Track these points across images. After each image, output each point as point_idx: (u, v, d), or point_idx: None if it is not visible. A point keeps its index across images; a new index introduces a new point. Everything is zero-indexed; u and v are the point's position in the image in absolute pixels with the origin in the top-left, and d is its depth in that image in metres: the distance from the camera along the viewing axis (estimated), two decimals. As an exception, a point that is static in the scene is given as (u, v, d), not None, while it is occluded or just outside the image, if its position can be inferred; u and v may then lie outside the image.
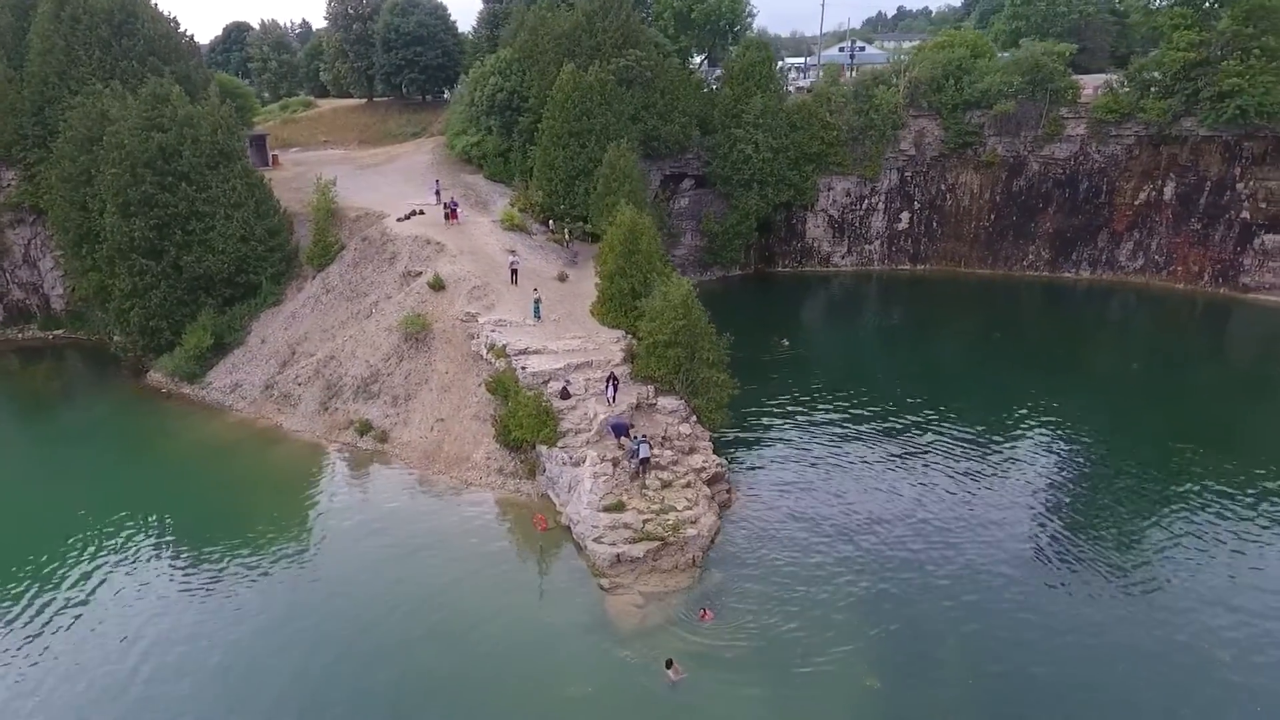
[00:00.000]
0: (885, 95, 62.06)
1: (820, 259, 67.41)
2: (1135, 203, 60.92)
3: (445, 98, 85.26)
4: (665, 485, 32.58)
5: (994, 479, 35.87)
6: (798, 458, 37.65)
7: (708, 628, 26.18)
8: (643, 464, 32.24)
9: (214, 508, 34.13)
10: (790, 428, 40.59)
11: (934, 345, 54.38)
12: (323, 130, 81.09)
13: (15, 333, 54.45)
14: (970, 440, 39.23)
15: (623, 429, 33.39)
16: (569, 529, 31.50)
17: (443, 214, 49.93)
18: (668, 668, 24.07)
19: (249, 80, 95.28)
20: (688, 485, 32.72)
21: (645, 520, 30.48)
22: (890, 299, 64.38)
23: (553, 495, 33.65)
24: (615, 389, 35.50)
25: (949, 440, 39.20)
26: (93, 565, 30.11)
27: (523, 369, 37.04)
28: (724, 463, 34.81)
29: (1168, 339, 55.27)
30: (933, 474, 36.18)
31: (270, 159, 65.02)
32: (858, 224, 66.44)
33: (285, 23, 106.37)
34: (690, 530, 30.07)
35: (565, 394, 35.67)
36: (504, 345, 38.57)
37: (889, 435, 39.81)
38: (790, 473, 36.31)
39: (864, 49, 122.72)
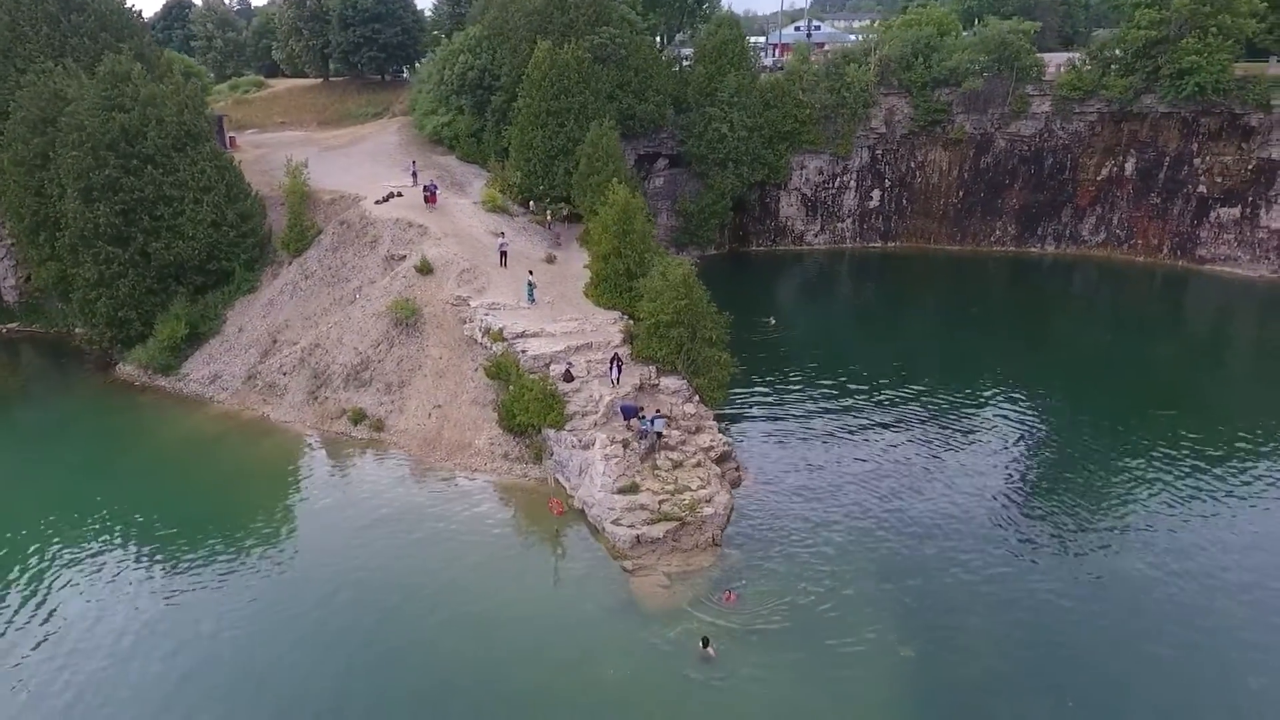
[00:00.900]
0: (857, 73, 62.46)
1: (794, 237, 67.86)
2: (1097, 178, 62.69)
3: (405, 77, 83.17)
4: (676, 465, 32.54)
5: (992, 446, 36.79)
6: (797, 434, 37.96)
7: (726, 610, 26.19)
8: (657, 437, 32.19)
9: (207, 503, 32.87)
10: (784, 404, 40.88)
11: (913, 321, 55.36)
12: (278, 111, 78.31)
13: (-36, 327, 51.66)
14: (960, 409, 40.22)
15: (632, 411, 33.20)
16: (582, 512, 31.26)
17: (422, 197, 48.68)
18: (705, 646, 24.12)
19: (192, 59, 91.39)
20: (698, 465, 32.72)
21: (661, 501, 30.42)
22: (864, 276, 65.27)
23: (562, 479, 33.32)
24: (619, 370, 35.26)
25: (941, 411, 40.05)
26: (91, 570, 28.82)
27: (523, 352, 36.52)
28: (730, 441, 34.93)
29: (1130, 310, 57.24)
30: (935, 444, 36.98)
31: (228, 141, 62.51)
32: (830, 202, 67.00)
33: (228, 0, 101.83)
34: (707, 509, 30.11)
35: (568, 377, 35.30)
36: (500, 329, 37.92)
37: (882, 408, 40.47)
38: (792, 449, 36.61)
39: (819, 28, 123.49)
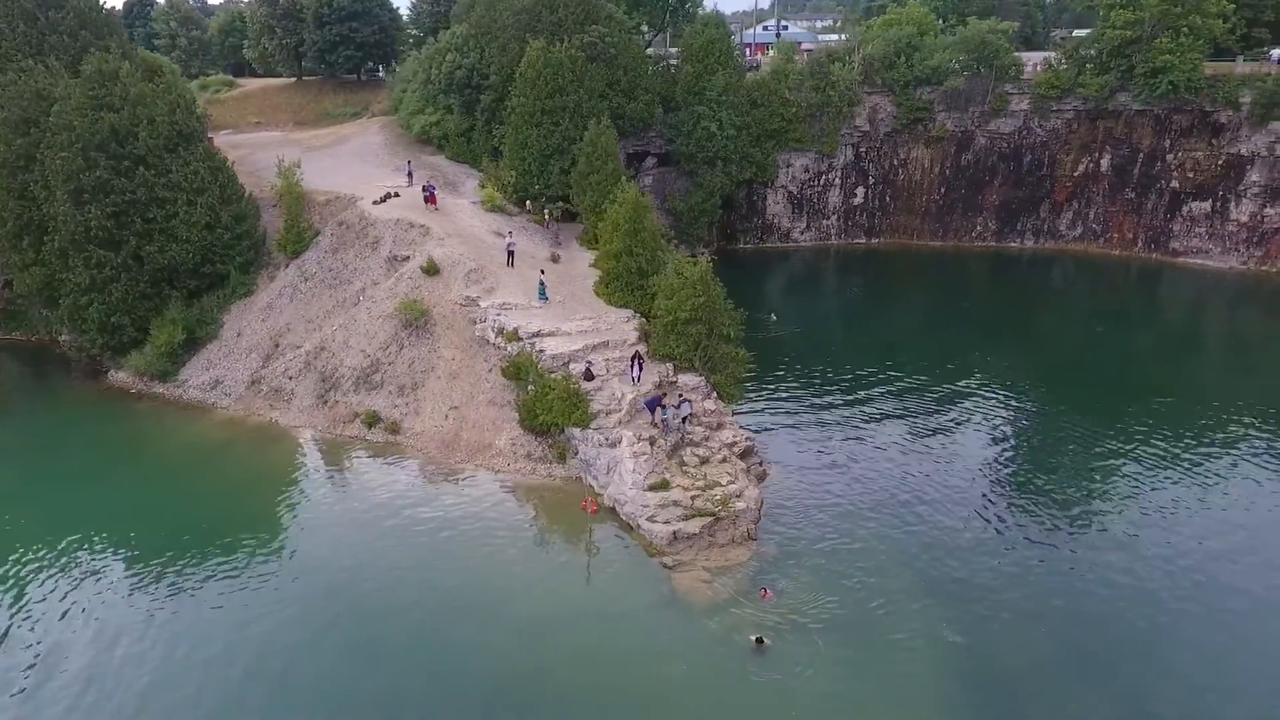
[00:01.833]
0: (842, 72, 63.34)
1: (781, 235, 68.58)
2: (1074, 174, 64.48)
3: (381, 76, 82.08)
4: (704, 461, 32.75)
5: (1001, 432, 37.80)
6: (813, 427, 38.45)
7: (771, 605, 26.42)
8: (682, 422, 32.50)
9: (223, 510, 32.18)
10: (795, 399, 41.37)
11: (904, 315, 56.41)
12: (252, 111, 76.66)
13: (-62, 336, 49.67)
14: (964, 398, 41.37)
15: (656, 403, 33.37)
16: (613, 510, 31.30)
17: (422, 197, 48.13)
18: (760, 643, 24.35)
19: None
20: (724, 460, 32.98)
21: (693, 497, 30.59)
22: (852, 273, 66.12)
23: (589, 478, 33.30)
24: (641, 368, 35.36)
25: (948, 399, 41.04)
26: (111, 583, 28.02)
27: (540, 352, 36.40)
28: (752, 436, 35.26)
29: (1110, 302, 58.95)
30: (950, 431, 38.01)
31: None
32: (815, 199, 67.85)
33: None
34: (739, 504, 30.35)
35: (589, 375, 35.28)
36: (515, 329, 37.76)
37: (890, 398, 41.29)
38: (810, 442, 37.06)
39: (787, 28, 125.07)
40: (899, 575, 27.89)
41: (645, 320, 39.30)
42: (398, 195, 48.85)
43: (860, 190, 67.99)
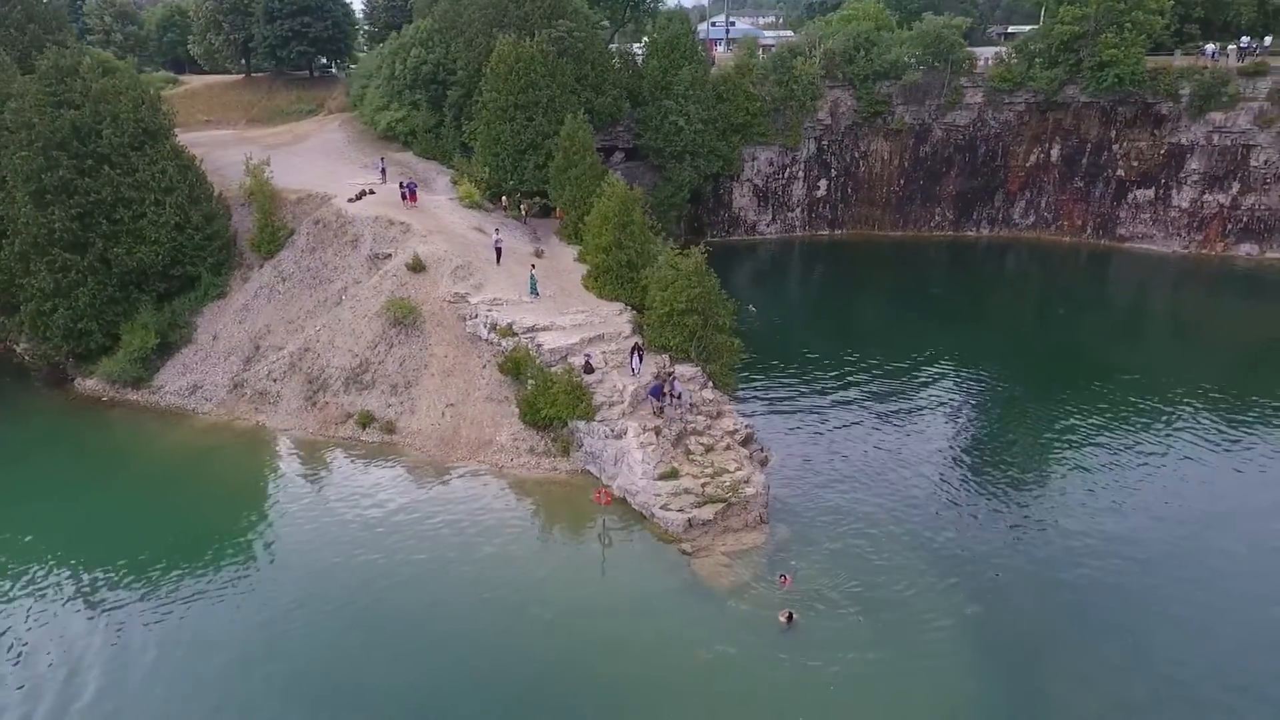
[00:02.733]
0: (804, 67, 64.47)
1: (747, 228, 69.49)
2: (1026, 165, 66.94)
3: (334, 72, 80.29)
4: (708, 450, 33.19)
5: (978, 409, 39.29)
6: (804, 412, 39.26)
7: (790, 590, 26.92)
8: (677, 399, 33.17)
9: (217, 516, 31.46)
10: (783, 386, 42.16)
11: (874, 302, 58.03)
12: (200, 109, 74.11)
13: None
14: (943, 379, 43.03)
15: (659, 390, 33.69)
16: (623, 500, 31.49)
17: (399, 194, 47.38)
18: (789, 620, 24.90)
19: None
20: (728, 448, 33.47)
21: (704, 484, 31.01)
22: (818, 264, 67.56)
23: (595, 470, 33.40)
24: (640, 359, 35.59)
25: (930, 383, 42.42)
26: (105, 596, 27.05)
27: (538, 346, 36.31)
28: (752, 424, 35.83)
29: (1065, 286, 61.52)
30: (937, 411, 39.51)
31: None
32: (780, 192, 68.95)
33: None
34: (748, 489, 30.87)
35: (589, 368, 35.35)
36: (509, 324, 37.57)
37: (876, 381, 42.60)
38: (805, 427, 37.89)
39: (734, 24, 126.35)
40: (907, 551, 28.82)
41: (637, 313, 39.53)
42: (373, 193, 48.00)
43: (823, 183, 69.35)
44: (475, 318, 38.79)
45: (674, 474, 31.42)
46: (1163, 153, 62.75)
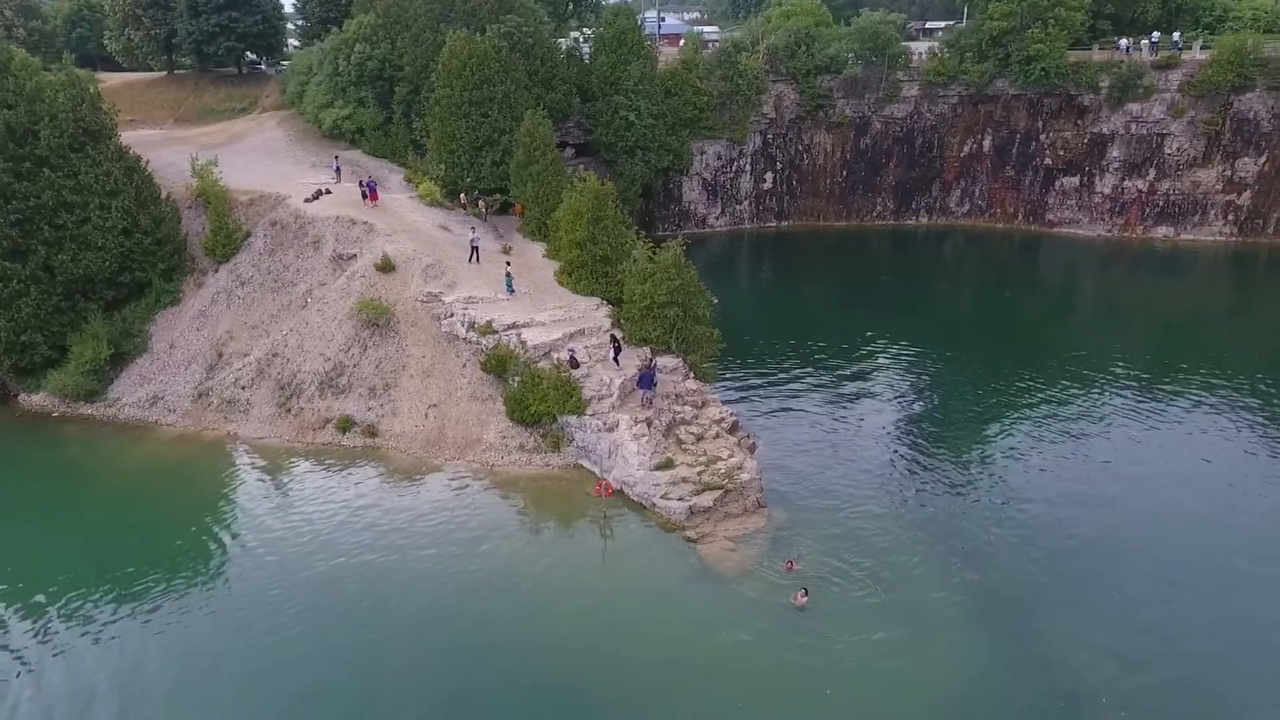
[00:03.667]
0: (749, 62, 65.62)
1: (697, 221, 70.33)
2: (961, 155, 69.75)
3: (263, 68, 77.48)
4: (699, 439, 33.73)
5: (937, 384, 41.04)
6: (781, 399, 40.26)
7: (796, 575, 27.68)
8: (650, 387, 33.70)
9: (199, 530, 30.29)
10: (756, 374, 43.06)
11: (827, 290, 59.71)
12: (122, 108, 69.10)
13: None
14: (900, 361, 44.79)
15: (648, 379, 34.03)
16: (622, 492, 31.74)
17: (359, 194, 46.28)
18: (804, 595, 25.67)
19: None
20: (717, 436, 34.09)
21: (699, 472, 31.54)
22: (766, 255, 68.86)
23: (588, 464, 33.52)
24: (618, 351, 35.79)
25: (893, 365, 44.09)
26: (86, 623, 25.84)
27: (522, 343, 36.14)
28: (736, 412, 36.52)
29: (998, 270, 64.69)
30: (907, 392, 41.12)
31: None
32: (729, 185, 70.05)
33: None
34: (743, 475, 31.54)
35: (574, 363, 35.39)
36: (488, 322, 37.26)
37: (842, 366, 43.98)
38: (785, 413, 38.86)
39: (664, 20, 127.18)
40: (899, 525, 30.04)
41: (614, 307, 39.72)
42: (329, 192, 46.77)
43: (769, 175, 70.74)
44: (451, 316, 38.33)
45: (669, 464, 31.84)
46: (1086, 142, 66.32)
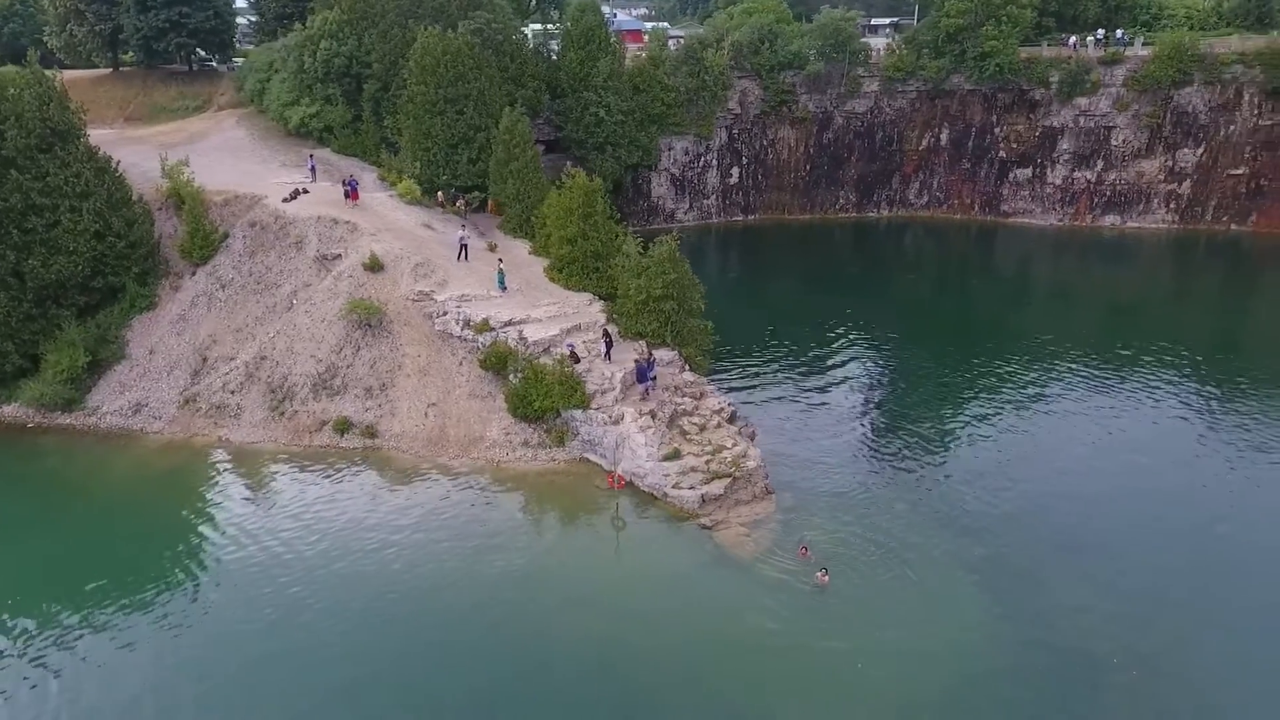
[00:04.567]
0: (714, 58, 66.41)
1: (666, 216, 70.89)
2: (919, 148, 71.76)
3: (214, 65, 75.24)
4: (701, 429, 34.31)
5: (910, 369, 42.49)
6: (772, 388, 41.12)
7: (810, 560, 28.42)
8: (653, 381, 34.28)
9: (198, 539, 29.67)
10: (744, 364, 43.81)
11: (795, 281, 60.84)
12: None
13: None
14: (878, 348, 46.40)
15: (645, 371, 34.46)
16: (632, 483, 32.11)
17: (342, 193, 45.55)
18: (824, 575, 26.46)
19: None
20: (719, 426, 34.72)
21: (707, 461, 32.15)
22: (735, 248, 69.87)
23: (594, 457, 33.77)
24: (609, 346, 36.09)
25: (875, 350, 45.42)
26: (99, 636, 25.19)
27: (521, 339, 36.18)
28: (734, 402, 37.20)
29: (957, 260, 67.01)
30: (892, 375, 42.70)
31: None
32: (696, 180, 70.79)
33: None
34: (749, 463, 32.24)
35: (575, 358, 35.59)
36: (484, 320, 37.20)
37: (827, 354, 45.10)
38: (778, 401, 39.73)
39: (616, 15, 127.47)
40: (905, 507, 31.09)
41: (607, 302, 40.01)
42: (306, 192, 45.93)
43: (735, 170, 71.71)
44: (445, 315, 38.14)
45: (677, 454, 32.35)
46: (1037, 135, 68.93)
